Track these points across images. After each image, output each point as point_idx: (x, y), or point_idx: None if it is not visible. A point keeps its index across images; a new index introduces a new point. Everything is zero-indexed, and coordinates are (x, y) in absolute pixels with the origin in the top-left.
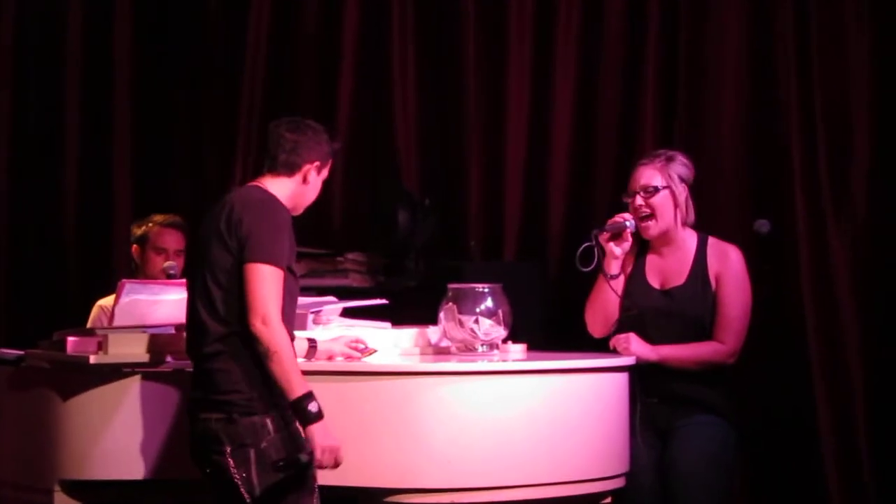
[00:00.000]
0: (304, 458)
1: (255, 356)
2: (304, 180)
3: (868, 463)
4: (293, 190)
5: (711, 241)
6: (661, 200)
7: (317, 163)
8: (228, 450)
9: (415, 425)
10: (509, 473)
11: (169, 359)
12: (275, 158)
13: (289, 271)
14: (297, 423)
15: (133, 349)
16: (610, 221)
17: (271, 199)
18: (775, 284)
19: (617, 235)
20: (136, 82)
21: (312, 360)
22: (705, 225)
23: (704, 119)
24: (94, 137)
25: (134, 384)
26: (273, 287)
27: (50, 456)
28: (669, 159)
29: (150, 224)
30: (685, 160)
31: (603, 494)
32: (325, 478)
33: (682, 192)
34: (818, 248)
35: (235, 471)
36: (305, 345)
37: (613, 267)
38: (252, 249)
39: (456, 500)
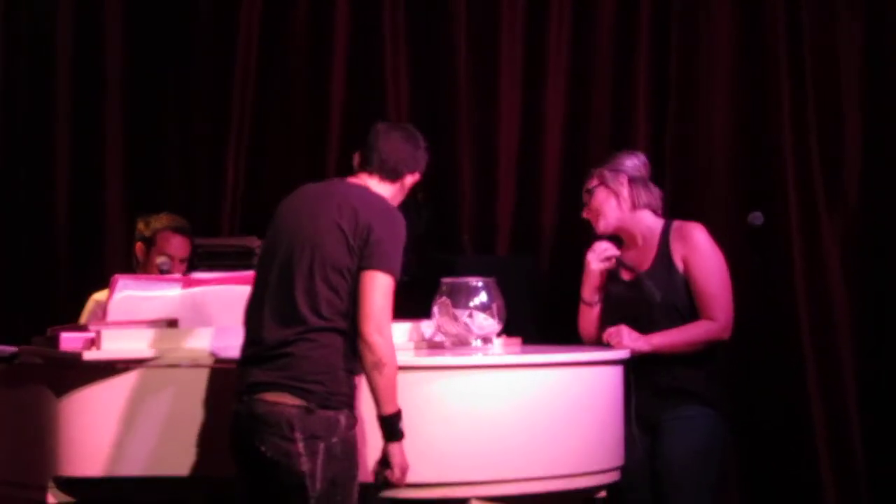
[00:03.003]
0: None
1: (347, 356)
2: (402, 189)
3: (861, 453)
4: (391, 195)
5: (675, 224)
6: (599, 199)
7: (417, 174)
8: (300, 437)
9: (409, 420)
10: (504, 468)
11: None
12: (383, 162)
13: None
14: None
15: (127, 345)
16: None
17: (395, 209)
18: (768, 277)
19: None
20: (128, 79)
21: None
22: (698, 217)
23: (697, 114)
24: (86, 133)
25: (128, 380)
26: (390, 298)
27: (44, 452)
28: (605, 161)
29: (159, 226)
30: (629, 156)
31: (598, 488)
32: None
33: (620, 182)
34: (811, 241)
35: (306, 459)
36: None
37: (587, 293)
38: (379, 258)
39: (450, 495)
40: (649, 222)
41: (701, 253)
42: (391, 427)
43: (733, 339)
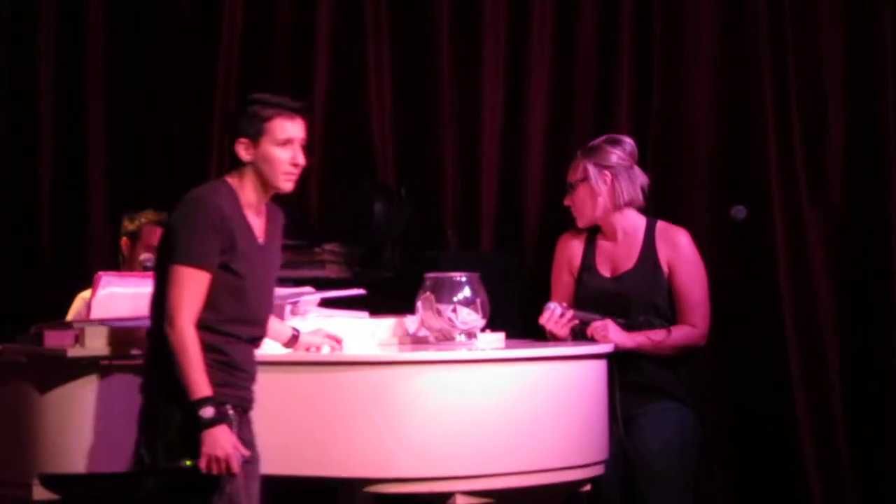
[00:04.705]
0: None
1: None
2: (257, 158)
3: (845, 445)
4: (247, 176)
5: (660, 225)
6: (579, 195)
7: (243, 138)
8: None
9: (393, 415)
10: (488, 462)
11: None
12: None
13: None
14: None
15: (110, 342)
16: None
17: (193, 197)
18: (751, 269)
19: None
20: (111, 79)
21: (294, 350)
22: (681, 211)
23: (680, 107)
24: (69, 133)
25: (112, 377)
26: (184, 287)
27: (28, 450)
28: (591, 151)
29: (144, 220)
30: (615, 147)
31: (582, 482)
32: (302, 468)
33: (604, 180)
34: (794, 233)
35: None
36: (289, 333)
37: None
38: (169, 251)
39: (435, 489)
40: (631, 219)
41: (687, 259)
42: (194, 414)
43: (716, 335)
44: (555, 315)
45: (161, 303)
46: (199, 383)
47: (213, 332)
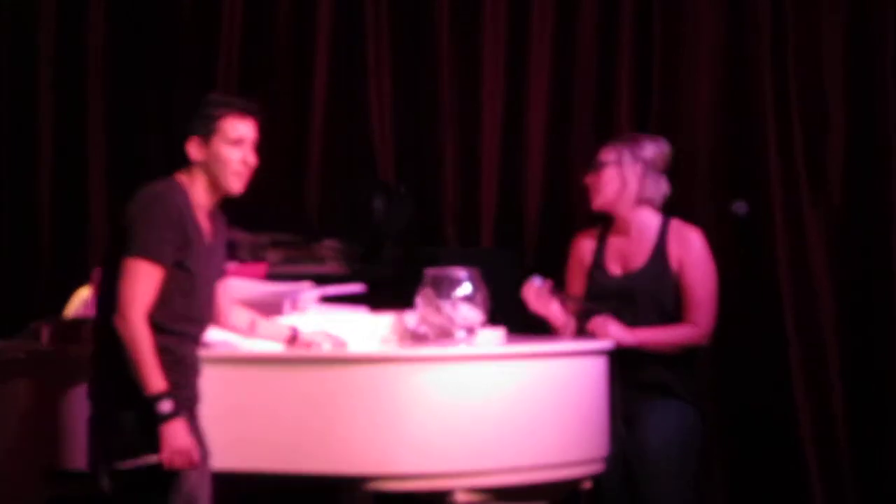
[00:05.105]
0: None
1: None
2: (208, 156)
3: (846, 445)
4: (198, 175)
5: (673, 223)
6: (606, 176)
7: (194, 137)
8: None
9: (393, 411)
10: (488, 458)
11: None
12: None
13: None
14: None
15: None
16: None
17: (148, 192)
18: (752, 269)
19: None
20: (110, 77)
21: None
22: (682, 206)
23: (680, 107)
24: (69, 131)
25: None
26: (138, 280)
27: (28, 447)
28: (630, 139)
29: None
30: (652, 144)
31: (582, 479)
32: (303, 465)
33: (634, 171)
34: (794, 233)
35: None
36: (287, 332)
37: (561, 327)
38: (126, 244)
39: (435, 486)
40: (646, 217)
41: (697, 258)
42: (152, 409)
43: (716, 335)
44: (532, 286)
45: (110, 297)
46: (155, 378)
47: (163, 331)
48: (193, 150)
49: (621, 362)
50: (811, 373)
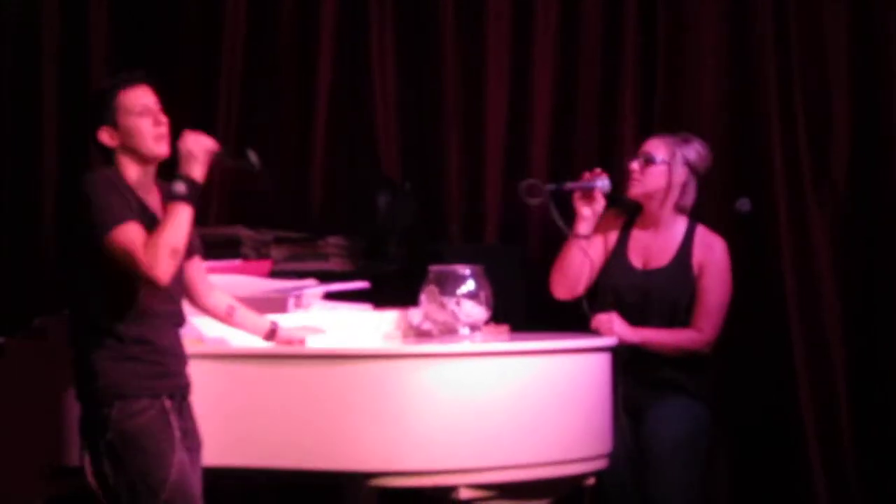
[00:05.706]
0: None
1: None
2: (126, 142)
3: (850, 444)
4: (120, 165)
5: (700, 229)
6: (654, 172)
7: (103, 126)
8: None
9: (397, 408)
10: (492, 455)
11: None
12: None
13: None
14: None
15: None
16: (579, 181)
17: (84, 177)
18: (756, 268)
19: (587, 195)
20: (114, 71)
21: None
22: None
23: (684, 105)
24: (72, 130)
25: None
26: (127, 245)
27: (34, 444)
28: (683, 140)
29: None
30: (701, 148)
31: (587, 475)
32: (307, 462)
33: (681, 173)
34: (799, 233)
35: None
36: (267, 326)
37: (582, 228)
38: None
39: (439, 482)
40: (675, 219)
41: (716, 267)
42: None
43: (720, 334)
44: (595, 174)
45: (78, 299)
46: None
47: (136, 319)
48: (106, 138)
49: (631, 359)
50: (815, 372)
